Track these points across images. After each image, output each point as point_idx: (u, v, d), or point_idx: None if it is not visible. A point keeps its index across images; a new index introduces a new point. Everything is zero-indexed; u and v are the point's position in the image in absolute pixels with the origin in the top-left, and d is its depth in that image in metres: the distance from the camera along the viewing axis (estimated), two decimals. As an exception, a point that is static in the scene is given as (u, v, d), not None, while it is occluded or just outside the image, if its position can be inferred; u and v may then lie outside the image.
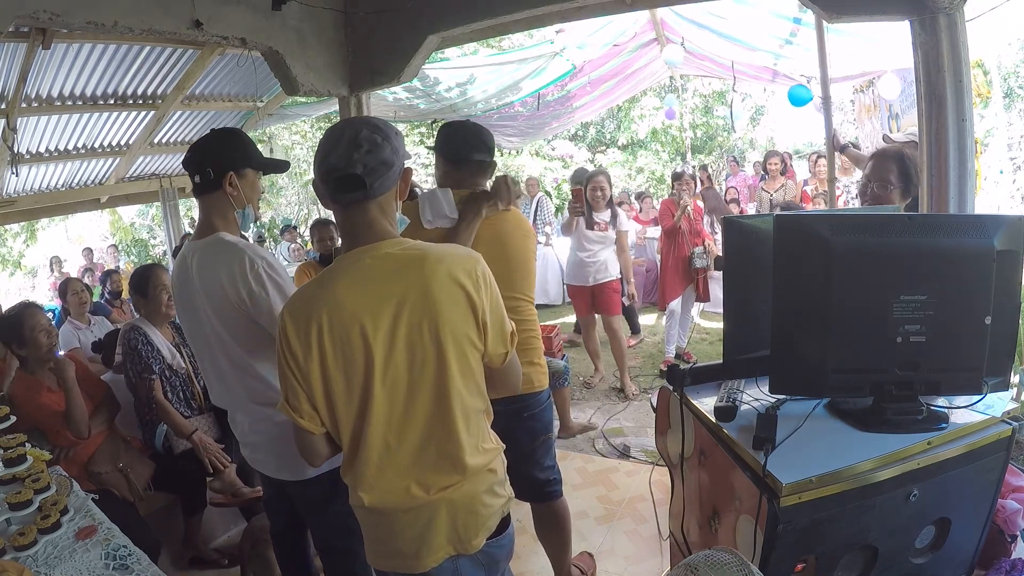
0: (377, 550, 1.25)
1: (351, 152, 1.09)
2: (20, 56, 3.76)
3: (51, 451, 2.08)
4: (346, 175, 1.09)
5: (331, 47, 3.50)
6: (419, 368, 1.13)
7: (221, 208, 1.57)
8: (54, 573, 1.36)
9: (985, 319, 1.31)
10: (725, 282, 1.62)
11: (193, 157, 1.57)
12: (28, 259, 12.89)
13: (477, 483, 1.20)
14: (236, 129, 1.68)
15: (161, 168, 6.76)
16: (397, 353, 1.12)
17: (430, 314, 1.11)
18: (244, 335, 1.52)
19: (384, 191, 1.14)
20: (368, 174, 1.10)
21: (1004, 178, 5.75)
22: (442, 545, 1.19)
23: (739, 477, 1.33)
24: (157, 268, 2.66)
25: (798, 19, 4.61)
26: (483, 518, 1.22)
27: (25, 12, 2.25)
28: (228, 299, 1.48)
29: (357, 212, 1.14)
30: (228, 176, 1.54)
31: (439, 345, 1.12)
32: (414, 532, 1.18)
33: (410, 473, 1.17)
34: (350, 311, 1.09)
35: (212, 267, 1.50)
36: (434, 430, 1.16)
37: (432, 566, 1.20)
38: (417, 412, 1.15)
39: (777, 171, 5.67)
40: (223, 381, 1.61)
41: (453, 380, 1.14)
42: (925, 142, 2.29)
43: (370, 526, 1.24)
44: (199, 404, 2.63)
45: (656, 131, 12.33)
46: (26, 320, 2.25)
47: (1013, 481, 1.60)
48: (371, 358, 1.11)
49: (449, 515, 1.18)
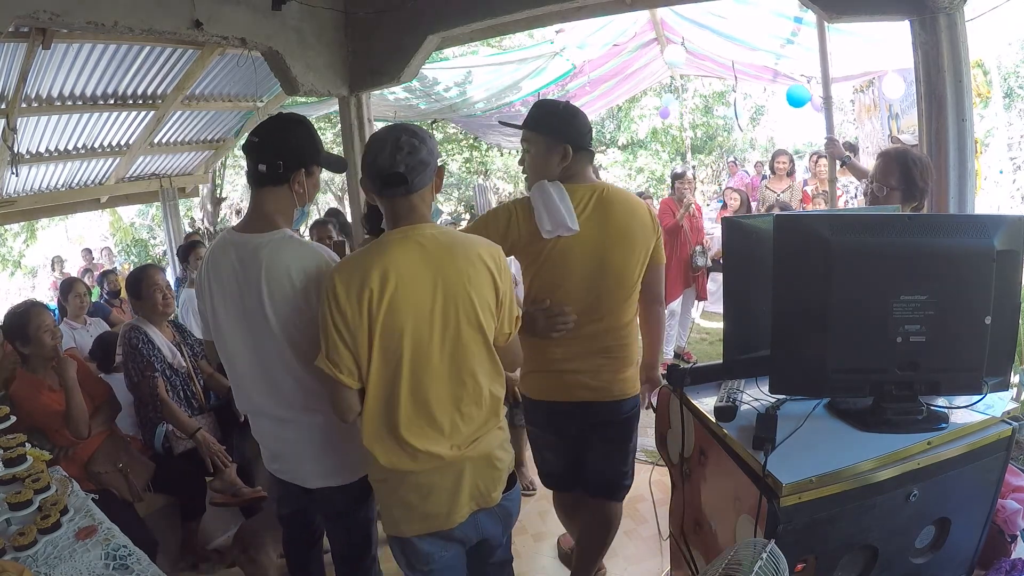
0: (408, 516, 1.37)
1: (394, 155, 1.29)
2: (20, 56, 3.76)
3: (51, 451, 2.07)
4: (391, 173, 1.30)
5: (331, 47, 3.50)
6: (452, 333, 1.30)
7: (282, 203, 1.47)
8: (54, 573, 1.36)
9: (985, 319, 1.30)
10: (725, 282, 1.62)
11: (265, 145, 1.45)
12: (28, 259, 12.90)
13: (491, 440, 1.40)
14: (307, 120, 1.52)
15: (161, 168, 6.75)
16: (435, 318, 1.28)
17: (463, 286, 1.30)
18: (299, 335, 1.43)
19: (423, 186, 1.34)
20: (409, 172, 1.30)
21: (1004, 178, 5.75)
22: (467, 501, 1.37)
23: (739, 477, 1.33)
24: (150, 269, 2.65)
25: (799, 18, 4.60)
26: (499, 472, 1.42)
27: (25, 12, 2.25)
28: (294, 297, 1.41)
29: (401, 203, 1.34)
30: (298, 173, 1.45)
31: (468, 313, 1.31)
32: (446, 491, 1.35)
33: (441, 432, 1.33)
34: (398, 277, 1.26)
35: (286, 263, 1.41)
36: (460, 391, 1.33)
37: (459, 521, 1.37)
38: (447, 373, 1.32)
39: (784, 171, 5.62)
40: (261, 380, 1.50)
41: (477, 346, 1.34)
42: (925, 142, 2.30)
43: (403, 492, 1.35)
44: (200, 404, 2.63)
45: (656, 131, 12.33)
46: (32, 319, 2.25)
47: (1013, 481, 1.60)
48: (414, 322, 1.27)
49: (472, 472, 1.36)
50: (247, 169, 1.49)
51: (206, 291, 1.53)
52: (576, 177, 1.70)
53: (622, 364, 1.76)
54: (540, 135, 1.70)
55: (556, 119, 1.70)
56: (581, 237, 1.64)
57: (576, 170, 1.70)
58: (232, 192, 11.78)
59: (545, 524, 2.61)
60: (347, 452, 1.55)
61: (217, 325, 1.53)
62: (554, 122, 1.69)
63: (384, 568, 1.78)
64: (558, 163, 1.68)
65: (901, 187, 2.07)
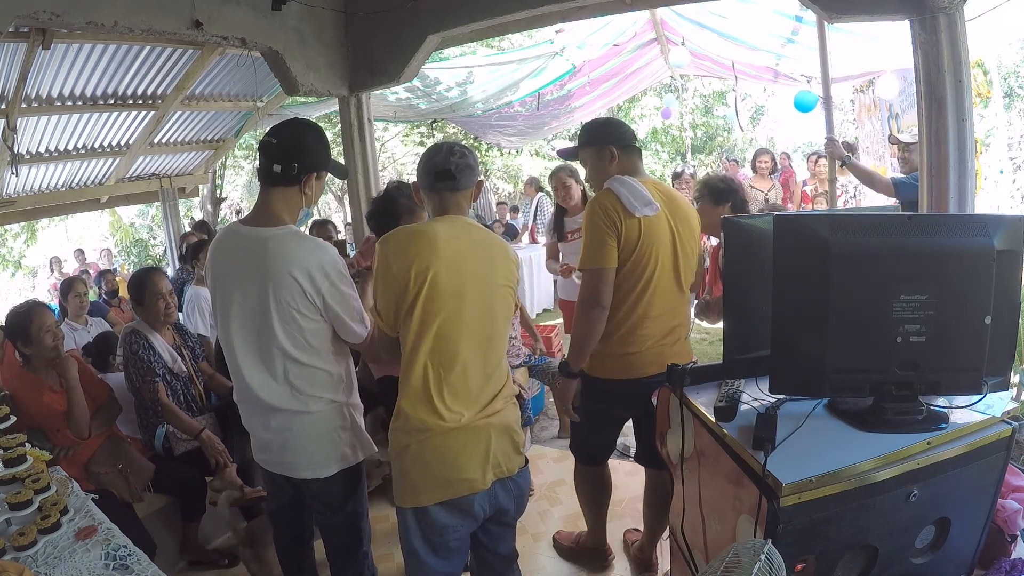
0: (431, 483, 1.49)
1: (448, 157, 1.56)
2: (20, 56, 3.76)
3: (51, 451, 2.07)
4: (443, 170, 1.55)
5: (331, 47, 3.51)
6: (481, 302, 1.51)
7: (291, 203, 1.58)
8: (54, 573, 1.36)
9: (985, 319, 1.30)
10: (725, 282, 1.62)
11: (282, 147, 1.55)
12: (28, 259, 12.89)
13: (510, 412, 1.58)
14: (321, 127, 1.66)
15: (161, 168, 6.76)
16: (467, 287, 1.48)
17: (492, 269, 1.54)
18: (296, 326, 1.52)
19: (466, 187, 1.58)
20: (457, 171, 1.55)
21: (1004, 178, 5.74)
22: (489, 469, 1.52)
23: (739, 477, 1.33)
24: (154, 274, 2.62)
25: (799, 17, 4.59)
26: (516, 445, 1.58)
27: (25, 12, 2.25)
28: (300, 289, 1.49)
29: (448, 198, 1.57)
30: (310, 177, 1.57)
31: (493, 287, 1.53)
32: (471, 458, 1.49)
33: (469, 394, 1.50)
34: (442, 253, 1.47)
35: (292, 256, 1.50)
36: (486, 357, 1.53)
37: (481, 489, 1.51)
38: (476, 339, 1.51)
39: (767, 170, 5.64)
40: (257, 369, 1.57)
41: (501, 322, 1.56)
42: (925, 142, 2.29)
43: (428, 456, 1.48)
44: (200, 406, 2.63)
45: (656, 131, 12.34)
46: (34, 319, 2.24)
47: (1013, 481, 1.60)
48: (451, 288, 1.46)
49: (496, 441, 1.52)
50: (260, 167, 1.58)
51: (208, 279, 1.64)
52: (633, 172, 1.90)
53: (685, 337, 2.01)
54: (587, 148, 1.97)
55: (594, 129, 2.00)
56: (660, 218, 1.84)
57: (629, 167, 1.91)
58: (232, 192, 11.79)
59: (545, 524, 2.61)
60: (334, 445, 1.61)
61: (216, 312, 1.62)
62: (593, 132, 1.99)
63: (382, 569, 1.79)
64: (609, 163, 1.91)
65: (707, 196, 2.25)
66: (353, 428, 1.68)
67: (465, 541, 1.59)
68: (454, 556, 1.57)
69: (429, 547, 1.53)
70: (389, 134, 11.63)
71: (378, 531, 2.40)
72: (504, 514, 1.61)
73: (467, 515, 1.53)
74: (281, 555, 1.89)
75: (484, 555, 1.67)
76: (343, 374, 1.65)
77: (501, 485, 1.56)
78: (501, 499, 1.57)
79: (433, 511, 1.50)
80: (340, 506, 1.68)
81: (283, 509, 1.80)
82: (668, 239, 1.86)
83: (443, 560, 1.55)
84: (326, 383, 1.60)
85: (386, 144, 11.91)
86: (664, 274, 1.86)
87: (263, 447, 1.66)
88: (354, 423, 1.68)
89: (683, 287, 1.94)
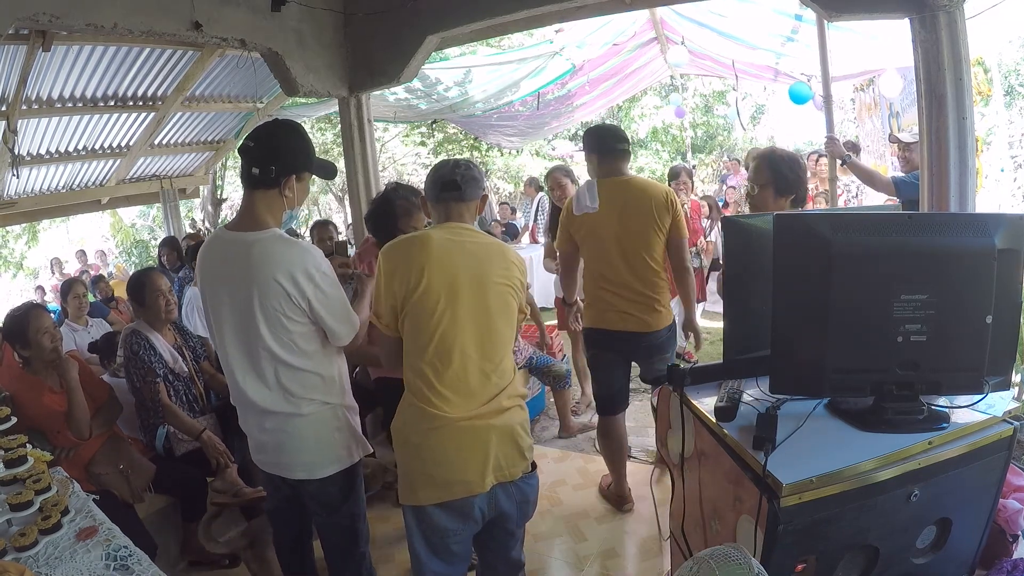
0: (428, 483, 1.50)
1: (455, 170, 1.63)
2: (20, 58, 3.76)
3: (52, 452, 2.07)
4: (449, 180, 1.62)
5: (331, 48, 3.50)
6: (477, 302, 1.54)
7: (272, 205, 1.57)
8: (55, 574, 1.36)
9: (986, 318, 1.30)
10: (725, 282, 1.62)
11: (259, 150, 1.54)
12: (30, 260, 12.91)
13: (515, 414, 1.58)
14: (302, 127, 1.65)
15: (161, 169, 6.77)
16: (462, 289, 1.52)
17: (487, 267, 1.56)
18: (284, 330, 1.53)
19: (471, 198, 1.65)
20: (462, 183, 1.62)
21: (1005, 176, 5.72)
22: (489, 472, 1.51)
23: (739, 477, 1.33)
24: (153, 274, 2.62)
25: (799, 16, 4.58)
26: (520, 450, 1.58)
27: (25, 14, 2.25)
28: (284, 293, 1.49)
29: (452, 207, 1.63)
30: (289, 179, 1.55)
31: (489, 291, 1.56)
32: (470, 460, 1.49)
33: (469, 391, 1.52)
34: (435, 254, 1.52)
35: (276, 261, 1.50)
36: (485, 354, 1.54)
37: (480, 492, 1.51)
38: (473, 336, 1.53)
39: None
40: (249, 372, 1.58)
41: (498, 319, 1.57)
42: (925, 140, 2.29)
43: (427, 454, 1.50)
44: (201, 406, 2.63)
45: (656, 130, 12.32)
46: (31, 321, 2.24)
47: (1014, 481, 1.60)
48: (447, 290, 1.51)
49: (497, 444, 1.52)
50: (241, 170, 1.57)
51: (198, 286, 1.66)
52: (613, 172, 2.43)
53: (650, 307, 2.42)
54: (584, 150, 2.54)
55: (585, 137, 2.57)
56: (604, 212, 2.37)
57: (611, 168, 2.45)
58: (233, 193, 11.78)
59: (545, 524, 2.61)
60: (329, 446, 1.61)
61: (210, 317, 1.62)
62: (584, 140, 2.56)
63: (381, 570, 1.79)
64: (595, 165, 2.48)
65: (771, 182, 2.06)
66: (348, 429, 1.68)
67: (467, 546, 1.59)
68: (456, 560, 1.57)
69: (430, 549, 1.53)
70: (389, 134, 11.63)
71: (377, 532, 2.40)
72: (506, 519, 1.59)
73: (467, 518, 1.52)
74: (281, 555, 1.89)
75: (490, 560, 1.67)
76: (336, 376, 1.65)
77: (502, 489, 1.55)
78: (502, 504, 1.56)
79: (432, 512, 1.50)
80: (337, 507, 1.68)
81: (282, 509, 1.80)
82: (612, 225, 2.36)
83: (444, 563, 1.55)
84: (318, 385, 1.61)
85: (386, 144, 11.91)
86: (611, 248, 2.39)
87: (259, 448, 1.67)
88: (349, 424, 1.68)
89: (636, 265, 2.37)
